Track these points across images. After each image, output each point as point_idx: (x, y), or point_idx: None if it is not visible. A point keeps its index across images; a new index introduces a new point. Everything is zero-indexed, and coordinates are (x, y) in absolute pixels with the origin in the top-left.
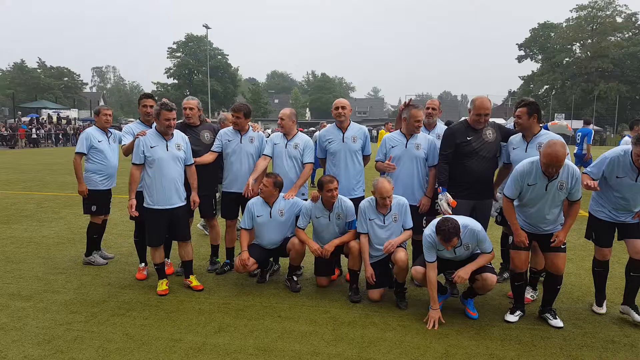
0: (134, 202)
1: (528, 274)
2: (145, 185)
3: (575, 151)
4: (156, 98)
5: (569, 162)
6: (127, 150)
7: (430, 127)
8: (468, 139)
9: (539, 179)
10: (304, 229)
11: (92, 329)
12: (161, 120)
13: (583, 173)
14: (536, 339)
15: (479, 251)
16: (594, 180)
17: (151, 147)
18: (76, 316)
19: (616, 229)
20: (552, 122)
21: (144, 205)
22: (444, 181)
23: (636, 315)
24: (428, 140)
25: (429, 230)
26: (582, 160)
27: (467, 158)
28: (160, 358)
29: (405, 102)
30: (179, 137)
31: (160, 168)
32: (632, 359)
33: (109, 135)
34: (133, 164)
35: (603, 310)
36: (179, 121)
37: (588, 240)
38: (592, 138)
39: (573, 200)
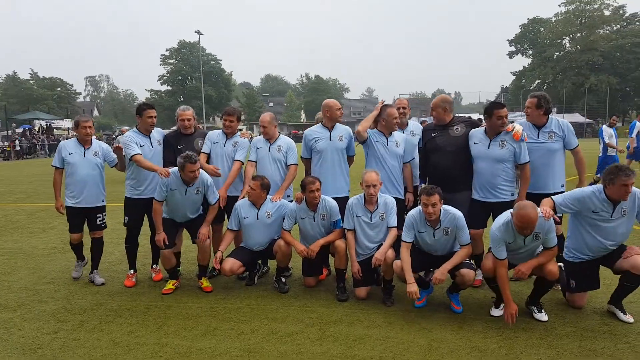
0: (163, 235)
1: None
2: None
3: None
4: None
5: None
6: (142, 163)
7: (402, 126)
8: (433, 135)
9: (516, 236)
10: (289, 231)
11: (79, 337)
12: (186, 172)
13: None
14: (518, 330)
15: (457, 249)
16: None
17: (171, 190)
18: (63, 325)
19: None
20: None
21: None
22: (422, 174)
23: (622, 315)
24: (403, 137)
25: (413, 211)
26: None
27: (434, 153)
28: None
29: (378, 105)
30: (201, 182)
31: (177, 207)
32: (611, 346)
33: (88, 147)
34: (155, 199)
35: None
36: (173, 129)
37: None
38: (634, 131)
39: (548, 247)
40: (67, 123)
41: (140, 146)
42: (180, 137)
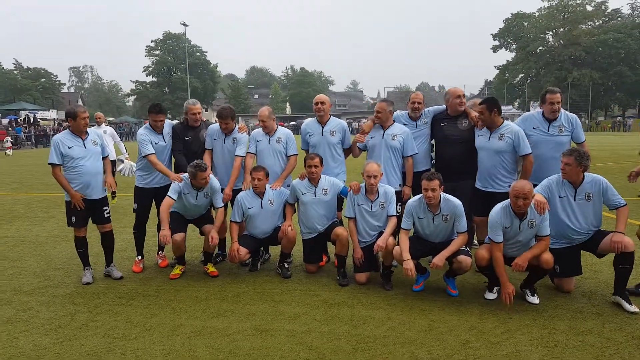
0: (169, 232)
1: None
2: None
3: None
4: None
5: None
6: (156, 165)
7: (415, 119)
8: (442, 125)
9: (513, 220)
10: (293, 205)
11: (96, 318)
12: (198, 180)
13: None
14: (512, 312)
15: (454, 237)
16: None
17: (184, 194)
18: (79, 307)
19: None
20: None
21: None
22: None
23: (628, 305)
24: (404, 131)
25: (412, 199)
26: None
27: (441, 143)
28: (164, 342)
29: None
30: (210, 187)
31: (188, 208)
32: (599, 326)
33: (85, 137)
34: (168, 196)
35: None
36: (179, 122)
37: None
38: None
39: (541, 235)
40: (52, 114)
41: (155, 143)
42: (188, 129)
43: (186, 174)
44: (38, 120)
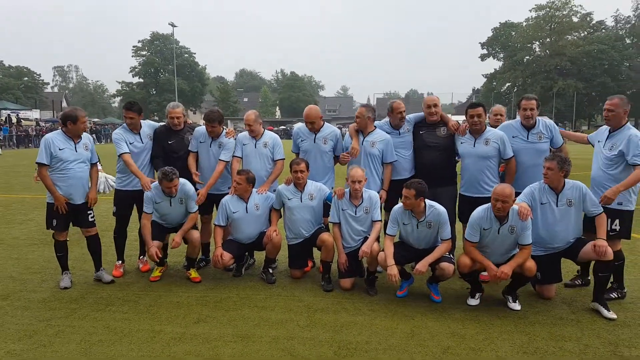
0: (154, 249)
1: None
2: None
3: None
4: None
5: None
6: (130, 166)
7: (398, 127)
8: (420, 132)
9: (492, 223)
10: (278, 211)
11: (73, 323)
12: (164, 188)
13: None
14: (493, 318)
15: (438, 244)
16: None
17: (156, 203)
18: (56, 312)
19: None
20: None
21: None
22: None
23: (606, 312)
24: (383, 139)
25: (398, 206)
26: None
27: (420, 150)
28: (143, 348)
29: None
30: (183, 192)
31: (165, 216)
32: (578, 333)
33: (78, 141)
34: (144, 212)
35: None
36: (162, 124)
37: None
38: None
39: (523, 244)
40: (35, 114)
41: (130, 143)
42: (171, 132)
43: (157, 182)
44: (20, 120)
